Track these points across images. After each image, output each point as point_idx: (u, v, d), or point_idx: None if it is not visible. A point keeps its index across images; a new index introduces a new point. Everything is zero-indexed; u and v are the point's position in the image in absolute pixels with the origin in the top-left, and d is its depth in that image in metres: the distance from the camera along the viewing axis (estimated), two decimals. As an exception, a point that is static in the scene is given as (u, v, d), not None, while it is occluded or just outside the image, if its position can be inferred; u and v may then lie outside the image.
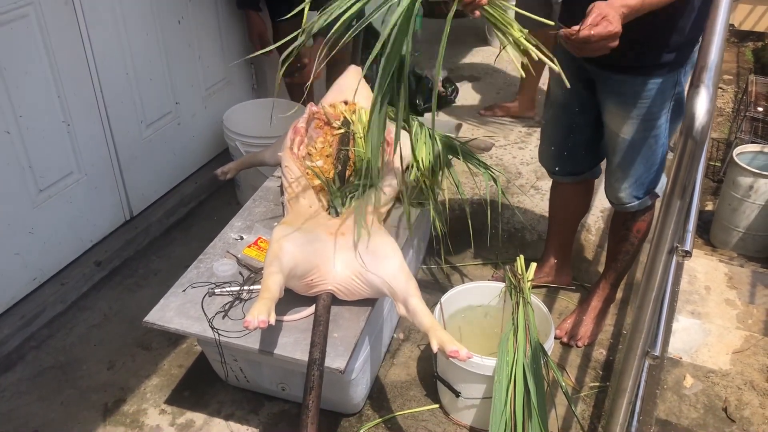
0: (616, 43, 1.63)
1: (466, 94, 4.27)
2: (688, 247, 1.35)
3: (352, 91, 2.45)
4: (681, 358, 2.47)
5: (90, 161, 2.61)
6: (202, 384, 2.25)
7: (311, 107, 2.38)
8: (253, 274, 2.05)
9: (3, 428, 2.09)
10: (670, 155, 2.23)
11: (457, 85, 4.12)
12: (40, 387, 2.24)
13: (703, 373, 2.40)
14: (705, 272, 2.94)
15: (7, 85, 2.21)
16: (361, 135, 2.28)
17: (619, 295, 2.65)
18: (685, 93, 2.04)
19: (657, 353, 1.48)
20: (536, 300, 2.15)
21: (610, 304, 2.45)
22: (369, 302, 1.94)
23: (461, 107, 4.08)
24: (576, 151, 2.34)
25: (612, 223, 2.38)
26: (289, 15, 1.84)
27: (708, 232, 3.23)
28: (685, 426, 2.20)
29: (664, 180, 2.23)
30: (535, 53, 1.71)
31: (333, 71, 3.19)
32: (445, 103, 4.01)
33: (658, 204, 2.86)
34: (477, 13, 1.73)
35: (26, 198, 2.37)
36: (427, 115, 3.82)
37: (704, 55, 1.28)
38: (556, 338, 2.33)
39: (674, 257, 1.35)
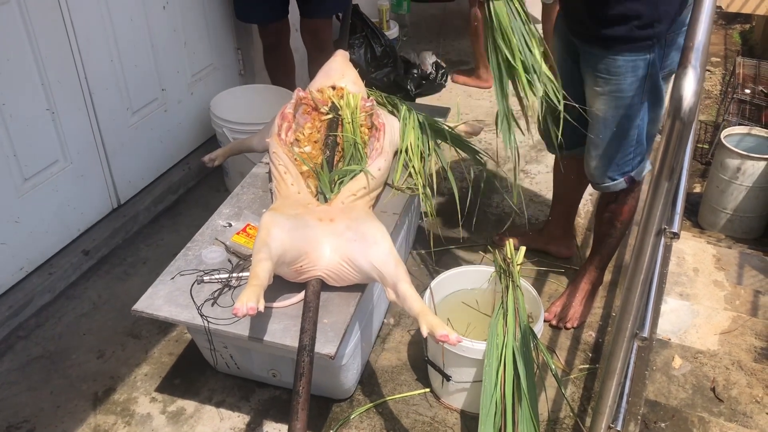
0: None
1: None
2: (675, 229, 1.35)
3: (339, 76, 2.44)
4: (670, 339, 2.49)
5: (76, 149, 2.58)
6: (192, 372, 2.24)
7: (299, 92, 2.36)
8: (241, 261, 2.04)
9: (-8, 418, 2.08)
10: (657, 138, 2.24)
11: (446, 68, 4.12)
12: (29, 377, 2.23)
13: (691, 354, 2.42)
14: (693, 254, 2.95)
15: (-11, 73, 2.18)
16: (350, 120, 2.27)
17: (607, 277, 2.66)
18: (663, 80, 2.05)
19: (646, 335, 1.49)
20: (525, 283, 2.16)
21: (597, 286, 2.46)
22: (359, 288, 1.94)
23: (451, 92, 4.07)
24: (567, 124, 2.34)
25: (597, 206, 2.40)
26: None
27: (696, 214, 3.26)
28: (673, 406, 2.22)
29: (646, 166, 2.24)
30: None
31: (318, 55, 3.16)
32: (436, 87, 4.00)
33: (646, 189, 2.88)
34: None
35: (11, 187, 2.35)
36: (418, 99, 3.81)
37: (691, 36, 1.27)
38: (544, 321, 2.34)
39: (662, 239, 1.35)
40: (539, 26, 3.89)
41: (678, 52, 2.04)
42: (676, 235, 1.34)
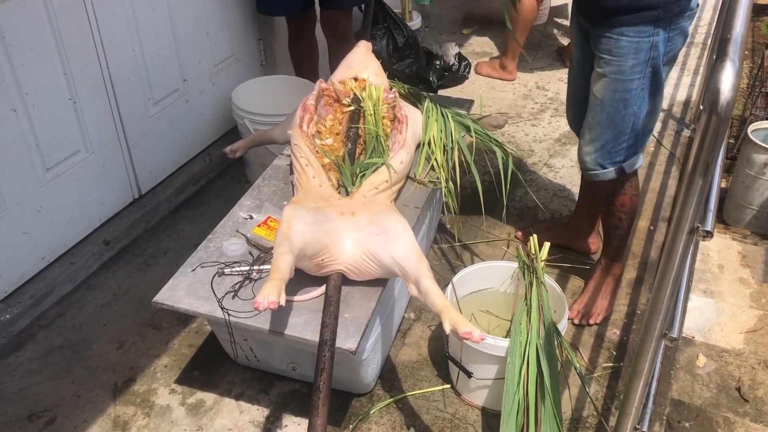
0: None
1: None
2: (709, 227, 1.31)
3: (362, 67, 2.41)
4: (694, 337, 2.45)
5: (97, 139, 2.58)
6: (212, 364, 2.24)
7: (321, 84, 2.34)
8: (262, 253, 2.03)
9: (14, 407, 2.09)
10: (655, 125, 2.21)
11: (470, 60, 4.07)
12: (50, 366, 2.23)
13: (716, 353, 2.38)
14: (718, 251, 2.90)
15: (12, 63, 2.18)
16: (372, 112, 2.24)
17: (632, 273, 2.62)
18: (664, 66, 2.03)
19: (675, 335, 1.45)
20: (550, 280, 2.12)
21: (617, 279, 2.43)
22: (380, 282, 1.92)
23: (473, 84, 4.03)
24: (580, 116, 2.32)
25: (598, 199, 2.37)
26: None
27: (721, 209, 3.20)
28: (697, 406, 2.19)
29: (639, 160, 2.21)
30: None
31: (338, 46, 3.14)
32: (458, 79, 3.96)
33: (673, 184, 2.84)
34: None
35: (33, 177, 2.35)
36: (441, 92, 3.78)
37: (729, 28, 1.23)
38: (568, 320, 2.32)
39: (694, 237, 1.32)
40: None
41: (682, 37, 2.03)
42: (709, 234, 1.30)
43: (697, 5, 2.05)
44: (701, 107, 1.49)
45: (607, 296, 2.40)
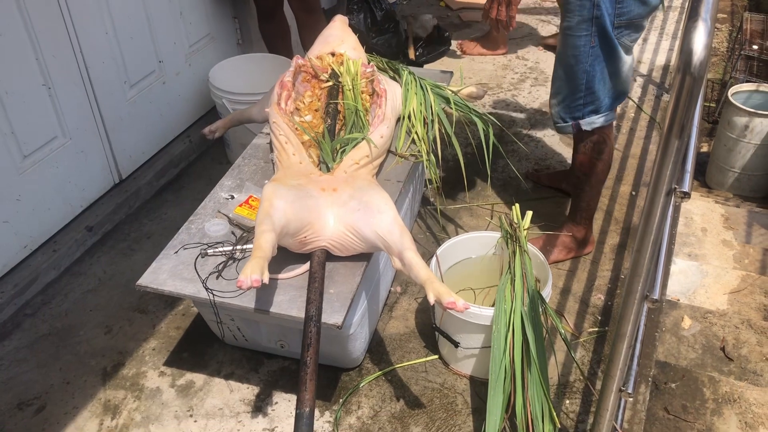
0: None
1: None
2: (686, 188, 1.32)
3: (339, 42, 2.39)
4: (679, 300, 2.47)
5: (74, 125, 2.55)
6: (200, 345, 2.24)
7: (297, 60, 2.32)
8: (245, 233, 2.02)
9: (2, 396, 2.09)
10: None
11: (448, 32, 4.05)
12: (37, 354, 2.23)
13: (700, 314, 2.40)
14: (701, 214, 2.92)
15: (-18, 49, 2.14)
16: (350, 87, 2.23)
17: (615, 239, 2.64)
18: (617, 30, 2.06)
19: (656, 297, 1.46)
20: (532, 248, 2.13)
21: (577, 242, 2.52)
22: (364, 257, 1.92)
23: (453, 56, 4.00)
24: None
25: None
26: None
27: (703, 173, 3.22)
28: (683, 366, 2.21)
29: (597, 120, 2.24)
30: None
31: (307, 19, 3.10)
32: (439, 52, 3.93)
33: (655, 149, 2.85)
34: None
35: (11, 164, 2.32)
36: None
37: (701, -12, 1.23)
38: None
39: (672, 199, 1.32)
40: None
41: (640, 4, 2.05)
42: (686, 195, 1.31)
43: None
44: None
45: (561, 252, 2.50)
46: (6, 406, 2.06)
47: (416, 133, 2.29)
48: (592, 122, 2.24)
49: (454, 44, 3.98)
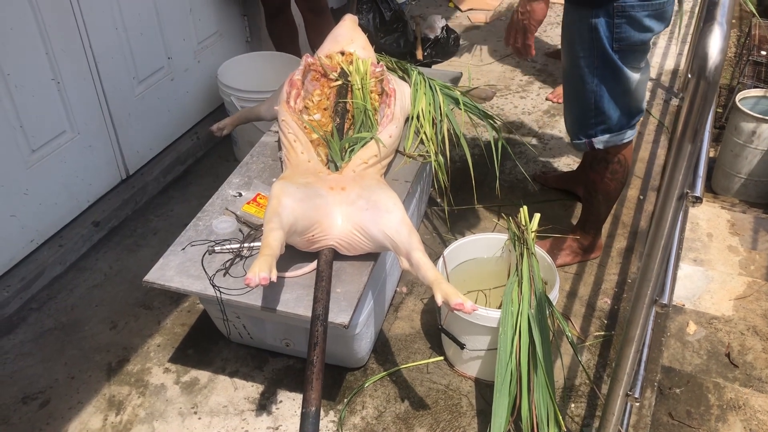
0: None
1: (467, 43, 4.18)
2: (698, 193, 1.31)
3: (348, 41, 2.39)
4: (684, 305, 2.46)
5: (83, 119, 2.55)
6: (205, 342, 2.24)
7: (307, 59, 2.32)
8: (252, 231, 2.02)
9: (8, 390, 2.09)
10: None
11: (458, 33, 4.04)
12: (43, 348, 2.23)
13: (706, 320, 2.40)
14: (707, 219, 2.92)
15: (-8, 43, 2.14)
16: (359, 86, 2.23)
17: (623, 243, 2.64)
18: (617, 54, 2.02)
19: (665, 301, 1.46)
20: (540, 250, 2.13)
21: (583, 248, 2.52)
22: (371, 257, 1.92)
23: (461, 57, 4.00)
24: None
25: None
26: None
27: (710, 178, 3.21)
28: (688, 372, 2.21)
29: (611, 140, 2.20)
30: None
31: (314, 19, 3.10)
32: (448, 52, 3.93)
33: (664, 153, 2.84)
34: None
35: (19, 158, 2.33)
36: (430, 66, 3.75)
37: (716, -8, 1.22)
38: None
39: (684, 204, 1.32)
40: None
41: (635, 29, 1.98)
42: (698, 200, 1.30)
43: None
44: (689, 75, 1.49)
45: (568, 256, 2.50)
46: (11, 399, 2.06)
47: (425, 133, 2.29)
48: (605, 141, 2.20)
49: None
